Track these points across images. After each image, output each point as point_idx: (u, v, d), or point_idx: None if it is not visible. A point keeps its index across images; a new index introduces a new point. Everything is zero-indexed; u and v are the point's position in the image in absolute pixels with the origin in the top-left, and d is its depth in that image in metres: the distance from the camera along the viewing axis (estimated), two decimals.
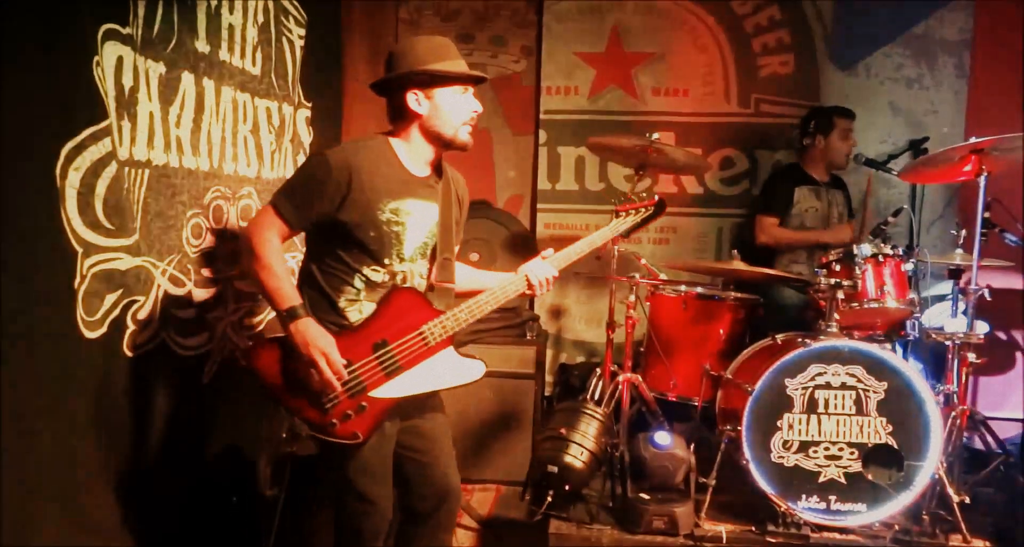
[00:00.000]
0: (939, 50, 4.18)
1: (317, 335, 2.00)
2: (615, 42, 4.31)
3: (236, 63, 2.84)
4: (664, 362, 3.32)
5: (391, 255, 2.11)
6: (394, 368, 2.05)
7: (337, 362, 1.99)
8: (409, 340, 2.06)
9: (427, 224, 2.16)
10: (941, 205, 4.21)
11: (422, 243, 2.16)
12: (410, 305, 2.08)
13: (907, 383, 2.77)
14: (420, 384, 2.08)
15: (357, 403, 2.03)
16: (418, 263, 2.17)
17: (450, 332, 2.08)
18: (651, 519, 2.74)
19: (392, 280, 2.12)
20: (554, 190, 4.39)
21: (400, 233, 2.11)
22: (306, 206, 2.06)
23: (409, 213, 2.12)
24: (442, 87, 2.10)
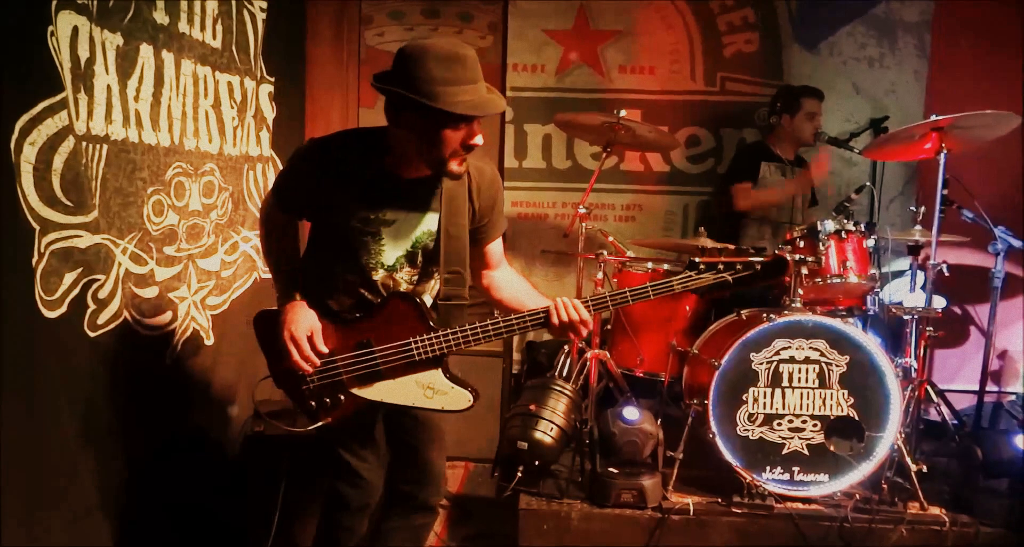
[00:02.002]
0: (900, 30, 4.24)
1: (300, 319, 1.99)
2: (582, 19, 4.28)
3: (196, 35, 2.76)
4: (631, 338, 3.35)
5: (366, 261, 2.03)
6: (373, 371, 2.00)
7: (307, 348, 1.97)
8: (393, 348, 1.98)
9: (415, 234, 2.02)
10: (901, 183, 4.28)
11: (407, 252, 2.04)
12: (403, 314, 1.99)
13: (868, 356, 2.83)
14: (399, 396, 2.01)
15: (335, 395, 2.02)
16: (404, 271, 2.05)
17: (438, 352, 1.96)
18: (620, 493, 2.78)
19: (369, 285, 2.04)
20: (521, 168, 4.38)
21: (370, 243, 2.01)
22: (289, 191, 2.08)
23: (385, 223, 2.00)
24: (438, 118, 1.83)
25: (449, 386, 2.00)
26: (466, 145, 1.87)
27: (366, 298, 2.05)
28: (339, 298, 2.07)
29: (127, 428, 2.37)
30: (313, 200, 2.02)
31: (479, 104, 1.82)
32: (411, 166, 1.97)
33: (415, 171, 1.97)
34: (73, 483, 2.15)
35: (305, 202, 2.05)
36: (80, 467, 2.17)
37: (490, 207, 2.09)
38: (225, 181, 3.00)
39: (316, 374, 2.02)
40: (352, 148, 2.01)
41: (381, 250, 2.01)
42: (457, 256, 2.02)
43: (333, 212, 1.99)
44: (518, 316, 1.98)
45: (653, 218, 4.38)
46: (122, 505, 2.33)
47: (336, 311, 2.06)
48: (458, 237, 2.02)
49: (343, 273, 2.05)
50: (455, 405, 2.01)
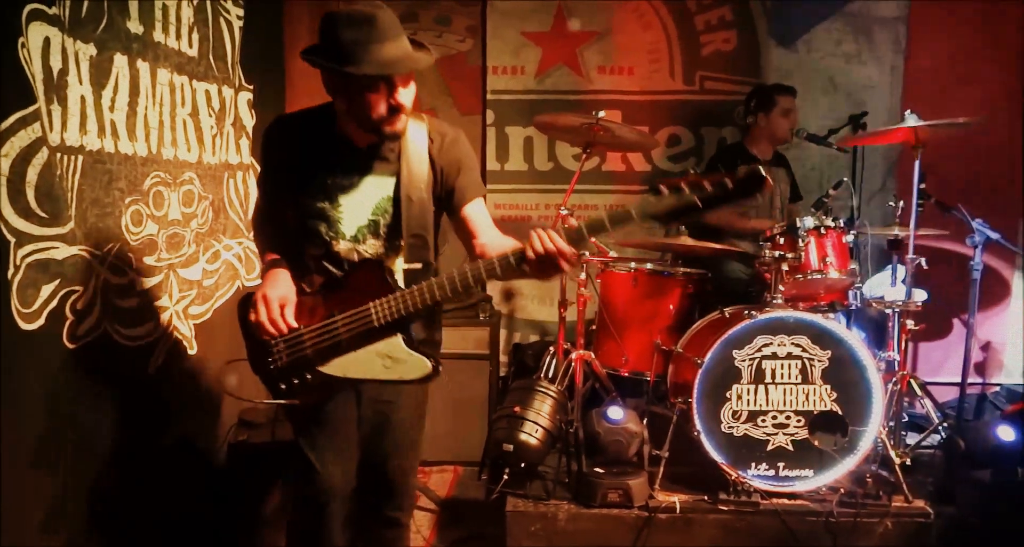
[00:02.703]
0: (876, 26, 4.27)
1: (276, 284, 1.96)
2: (560, 21, 4.30)
3: (172, 44, 2.76)
4: (616, 338, 3.36)
5: (327, 231, 1.99)
6: (335, 343, 1.93)
7: (275, 310, 1.92)
8: (354, 315, 1.91)
9: (372, 200, 1.97)
10: (881, 179, 4.31)
11: (368, 221, 1.98)
12: (367, 280, 1.93)
13: (850, 351, 2.84)
14: (359, 369, 1.93)
15: (303, 373, 1.98)
16: (367, 243, 1.99)
17: (396, 314, 1.86)
18: (606, 492, 2.78)
19: (333, 258, 2.00)
20: (503, 170, 4.39)
21: (328, 211, 1.97)
22: (263, 176, 2.13)
23: (343, 189, 1.96)
24: (350, 80, 1.82)
25: (407, 353, 1.89)
26: (391, 107, 1.82)
27: (332, 273, 1.99)
28: (310, 278, 2.02)
29: (109, 440, 2.36)
30: (281, 177, 2.02)
31: (387, 62, 1.77)
32: (359, 132, 1.94)
33: (366, 136, 1.94)
34: (54, 496, 2.13)
35: (277, 181, 2.05)
36: (62, 480, 2.16)
37: (455, 167, 1.99)
38: (205, 190, 2.99)
39: (285, 350, 1.98)
40: (309, 119, 2.01)
41: (340, 218, 1.97)
42: (418, 221, 1.94)
43: (295, 184, 1.98)
44: (486, 261, 1.80)
45: None
46: (105, 516, 2.32)
47: (309, 289, 2.01)
48: (419, 201, 1.94)
49: (309, 249, 2.01)
50: (412, 373, 1.91)
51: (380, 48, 1.77)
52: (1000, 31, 4.21)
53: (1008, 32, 4.22)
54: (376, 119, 1.84)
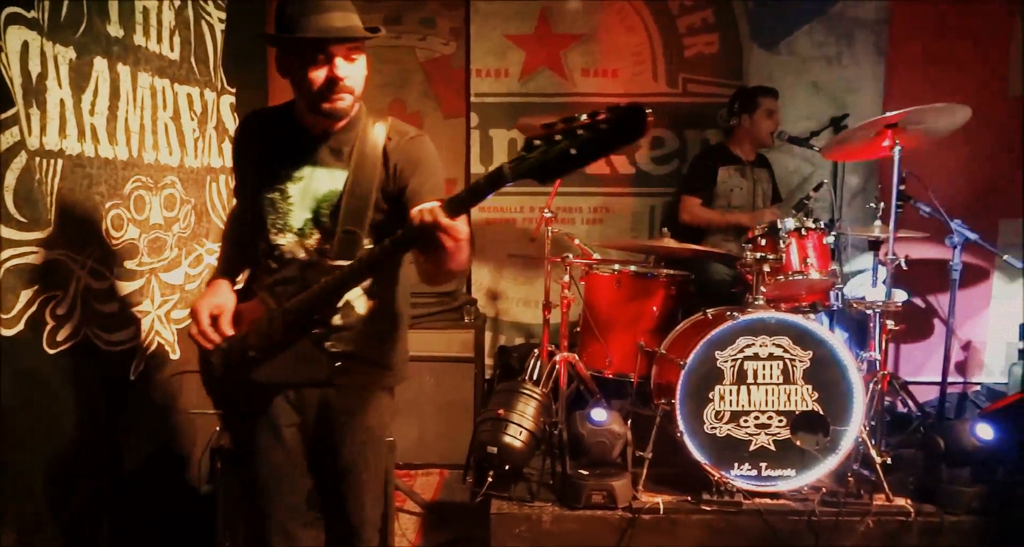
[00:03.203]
0: (857, 29, 4.30)
1: (210, 295, 1.90)
2: (544, 23, 4.31)
3: (153, 48, 2.75)
4: (600, 340, 3.37)
5: (275, 226, 1.90)
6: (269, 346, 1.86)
7: (204, 321, 1.84)
8: (274, 319, 1.86)
9: (320, 192, 1.88)
10: (862, 180, 4.35)
11: (313, 214, 1.88)
12: (294, 280, 1.87)
13: (831, 351, 2.87)
14: (287, 372, 1.88)
15: (239, 380, 1.91)
16: (313, 238, 1.89)
17: (304, 311, 1.81)
18: (590, 494, 2.79)
19: (277, 253, 1.90)
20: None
21: (276, 202, 1.89)
22: (235, 171, 2.07)
23: (293, 179, 1.89)
24: (293, 55, 1.79)
25: (316, 353, 1.86)
26: (330, 80, 1.76)
27: (275, 271, 1.91)
28: (261, 277, 1.94)
29: (91, 445, 2.35)
30: (246, 172, 1.99)
31: (323, 28, 1.72)
32: (310, 117, 1.87)
33: (321, 124, 1.88)
34: (34, 501, 2.12)
35: (244, 177, 2.01)
36: (43, 485, 2.15)
37: (411, 166, 1.88)
38: (187, 193, 2.99)
39: (221, 359, 1.91)
40: (278, 113, 1.97)
41: (289, 209, 1.89)
42: (355, 216, 1.85)
43: (252, 177, 1.94)
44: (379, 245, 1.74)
45: (620, 220, 4.41)
46: (88, 521, 2.30)
47: (254, 292, 1.93)
48: (362, 196, 1.85)
49: (259, 243, 1.93)
50: (314, 375, 1.88)
51: (320, 17, 1.72)
52: (982, 33, 4.25)
53: (990, 34, 4.26)
54: (315, 94, 1.77)
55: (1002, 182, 4.27)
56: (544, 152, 1.41)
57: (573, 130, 1.38)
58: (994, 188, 4.27)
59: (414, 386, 3.70)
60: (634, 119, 1.34)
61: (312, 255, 1.88)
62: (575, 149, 1.39)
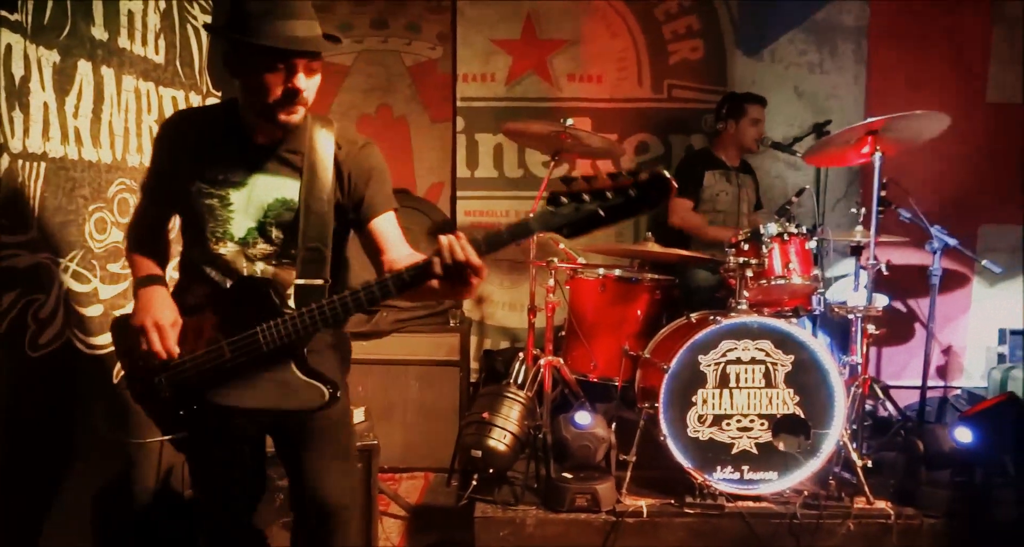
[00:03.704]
0: (839, 36, 4.36)
1: (162, 307, 1.78)
2: (530, 29, 4.33)
3: (138, 51, 2.75)
4: (584, 344, 3.38)
5: (213, 229, 1.81)
6: (223, 370, 1.76)
7: (171, 337, 1.76)
8: (241, 340, 1.74)
9: (266, 200, 1.80)
10: (844, 185, 4.39)
11: (259, 223, 1.81)
12: (252, 299, 1.76)
13: (812, 355, 2.89)
14: (254, 398, 1.77)
15: (189, 403, 1.82)
16: (257, 247, 1.82)
17: (285, 338, 1.71)
18: (574, 497, 2.80)
19: (218, 262, 1.82)
20: (473, 177, 4.40)
21: (216, 208, 1.80)
22: (152, 172, 1.93)
23: (234, 185, 1.80)
24: (250, 58, 1.68)
25: (302, 381, 1.75)
26: (288, 91, 1.68)
27: (215, 282, 1.82)
28: (193, 288, 1.85)
29: (73, 450, 2.34)
30: (172, 175, 1.84)
31: (289, 38, 1.64)
32: (258, 123, 1.78)
33: (268, 131, 1.79)
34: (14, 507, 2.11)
35: (166, 184, 1.87)
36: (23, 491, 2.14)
37: (365, 176, 1.84)
38: None
39: (167, 379, 1.81)
40: (213, 113, 1.88)
41: (230, 217, 1.80)
42: (317, 232, 1.79)
43: (185, 181, 1.81)
44: (390, 275, 1.64)
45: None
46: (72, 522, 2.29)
47: (192, 305, 1.82)
48: (319, 211, 1.78)
49: (194, 252, 1.84)
50: (307, 403, 1.76)
51: (285, 24, 1.64)
52: (960, 41, 4.32)
53: (968, 42, 4.32)
54: (271, 103, 1.69)
55: (982, 188, 4.33)
56: (576, 210, 1.49)
57: (602, 192, 1.46)
58: (974, 194, 4.32)
59: (399, 390, 3.71)
60: (660, 188, 1.45)
61: (256, 265, 1.82)
62: (604, 212, 1.47)
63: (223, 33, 1.73)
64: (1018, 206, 4.34)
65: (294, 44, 1.65)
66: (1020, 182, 4.33)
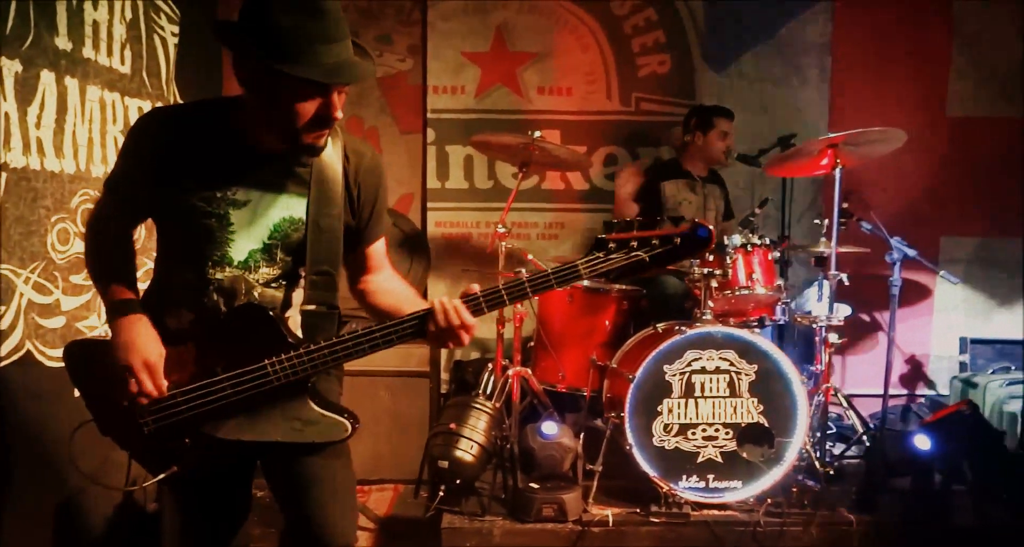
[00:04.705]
0: (803, 52, 4.44)
1: (146, 343, 1.59)
2: (500, 41, 4.37)
3: (103, 61, 2.74)
4: (552, 355, 3.41)
5: (211, 253, 1.63)
6: (224, 404, 1.61)
7: (161, 378, 1.60)
8: (245, 375, 1.60)
9: (272, 221, 1.65)
10: (810, 197, 4.47)
11: (263, 244, 1.65)
12: (254, 330, 1.62)
13: (775, 365, 2.94)
14: (261, 431, 1.64)
15: (179, 438, 1.64)
16: (259, 272, 1.66)
17: (300, 374, 1.60)
18: (540, 507, 2.81)
19: (214, 288, 1.64)
20: (444, 188, 4.42)
21: (215, 229, 1.62)
22: (123, 176, 1.69)
23: (235, 203, 1.62)
24: (282, 82, 1.48)
25: (320, 414, 1.64)
26: (322, 118, 1.53)
27: (209, 308, 1.64)
28: (178, 313, 1.65)
29: (32, 466, 2.31)
30: (151, 183, 1.62)
31: (334, 68, 1.47)
32: (268, 137, 1.61)
33: (274, 144, 1.61)
34: None
35: (142, 188, 1.64)
36: None
37: (372, 198, 1.74)
38: None
39: (153, 415, 1.63)
40: (200, 115, 1.65)
41: (230, 239, 1.63)
42: (327, 254, 1.67)
43: (173, 195, 1.61)
44: (391, 323, 1.61)
45: (575, 235, 4.46)
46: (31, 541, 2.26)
47: (175, 331, 1.64)
48: (330, 230, 1.65)
49: (184, 275, 1.65)
50: (329, 436, 1.66)
51: (327, 49, 1.47)
52: (922, 56, 4.42)
53: (929, 57, 4.42)
54: (300, 129, 1.54)
55: (942, 199, 4.42)
56: (626, 256, 1.57)
57: (648, 240, 1.57)
58: (935, 205, 4.42)
59: (369, 401, 3.69)
60: (702, 240, 1.58)
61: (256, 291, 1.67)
62: (649, 259, 1.57)
63: (249, 50, 1.48)
64: (977, 218, 4.44)
65: (340, 77, 1.49)
66: (979, 194, 4.43)
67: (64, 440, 2.45)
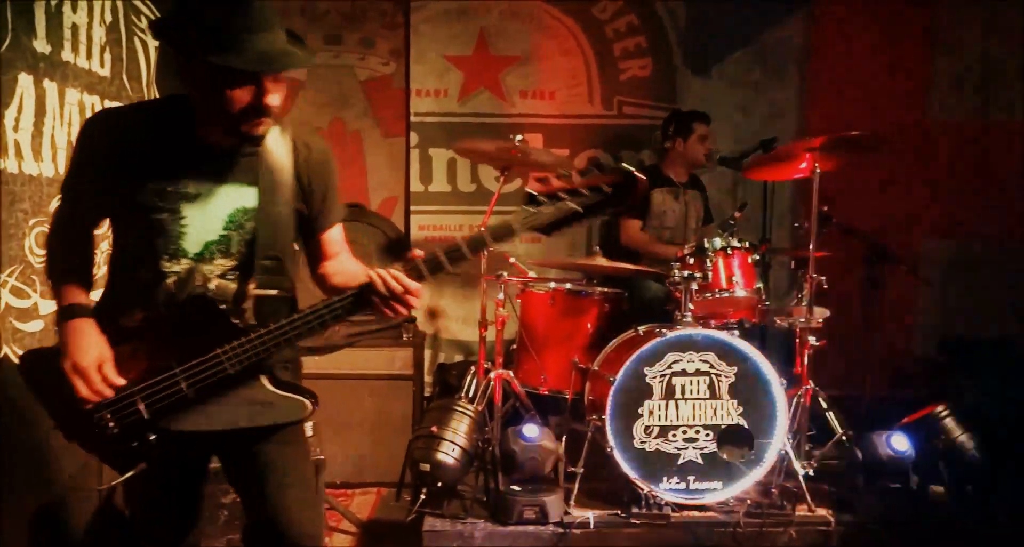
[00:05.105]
0: (783, 56, 4.49)
1: (86, 345, 1.63)
2: (482, 45, 4.39)
3: (82, 64, 2.73)
4: (535, 357, 3.41)
5: (164, 247, 1.67)
6: (180, 397, 1.64)
7: (96, 380, 1.62)
8: (200, 365, 1.63)
9: (224, 212, 1.69)
10: (791, 201, 4.51)
11: (219, 237, 1.69)
12: (203, 320, 1.65)
13: (755, 367, 2.96)
14: (222, 419, 1.67)
15: (142, 435, 1.67)
16: (215, 263, 1.70)
17: (255, 360, 1.63)
18: (522, 510, 2.82)
19: (168, 283, 1.68)
20: (427, 192, 4.43)
21: (167, 223, 1.65)
22: (77, 177, 1.73)
23: (186, 196, 1.65)
24: (213, 72, 1.52)
25: (278, 395, 1.69)
26: (256, 106, 1.57)
27: (164, 303, 1.68)
28: (134, 310, 1.68)
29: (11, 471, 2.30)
30: (102, 184, 1.66)
31: (262, 57, 1.52)
32: (212, 130, 1.65)
33: (223, 137, 1.65)
34: None
35: (94, 189, 1.69)
36: None
37: (323, 187, 1.79)
38: None
39: (113, 414, 1.65)
40: (147, 114, 1.72)
41: (183, 232, 1.66)
42: (277, 240, 1.71)
43: (125, 193, 1.64)
44: (335, 299, 1.64)
45: (559, 239, 4.47)
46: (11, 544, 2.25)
47: (132, 329, 1.68)
48: (279, 217, 1.70)
49: (139, 272, 1.68)
50: (291, 416, 1.71)
51: (254, 38, 1.52)
52: (901, 60, 4.47)
53: (909, 61, 4.48)
54: (236, 118, 1.58)
55: (922, 202, 4.48)
56: (556, 209, 1.59)
57: (577, 191, 1.58)
58: (914, 208, 4.47)
59: (352, 404, 3.69)
60: (630, 184, 1.58)
61: (212, 283, 1.70)
62: (582, 209, 1.59)
63: (179, 45, 1.56)
64: (956, 220, 4.49)
65: (268, 65, 1.54)
66: (958, 197, 4.49)
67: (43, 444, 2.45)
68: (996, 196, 4.46)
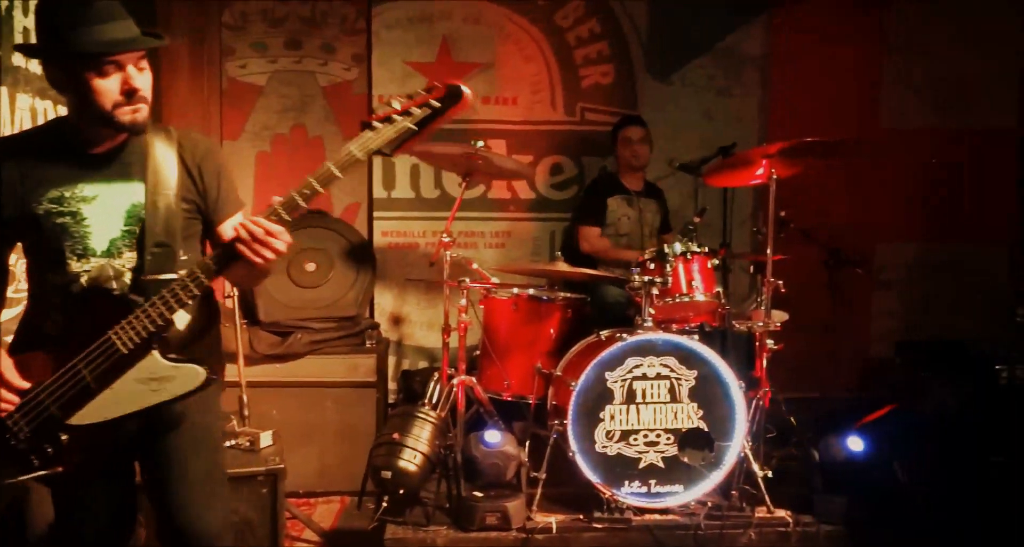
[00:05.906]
0: (744, 63, 4.55)
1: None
2: (445, 52, 4.39)
3: (34, 69, 2.68)
4: (498, 363, 3.41)
5: (72, 248, 1.77)
6: (83, 389, 1.70)
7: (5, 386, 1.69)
8: (95, 351, 1.69)
9: (123, 208, 1.79)
10: (752, 206, 4.57)
11: (122, 232, 1.79)
12: (96, 309, 1.72)
13: (714, 370, 2.99)
14: (123, 405, 1.71)
15: (53, 435, 1.71)
16: (124, 257, 1.79)
17: (142, 333, 1.69)
18: (484, 516, 2.82)
19: (78, 283, 1.77)
20: (390, 198, 4.42)
21: (69, 226, 1.76)
22: None
23: (85, 200, 1.77)
24: (74, 68, 1.66)
25: (173, 368, 1.73)
26: (126, 91, 1.68)
27: (78, 303, 1.76)
28: (53, 316, 1.77)
29: None
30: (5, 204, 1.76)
31: (110, 42, 1.65)
32: (96, 132, 1.76)
33: (107, 140, 1.78)
34: None
35: None
36: None
37: (215, 178, 1.89)
38: None
39: (23, 416, 1.71)
40: (32, 135, 1.89)
41: (87, 232, 1.77)
42: (162, 228, 1.79)
43: (25, 209, 1.75)
44: (207, 256, 1.75)
45: (522, 244, 4.49)
46: None
47: (55, 335, 1.75)
48: (166, 207, 1.80)
49: (51, 277, 1.79)
50: (188, 386, 1.74)
51: (103, 28, 1.65)
52: (856, 68, 4.56)
53: (863, 69, 4.57)
54: (111, 108, 1.68)
55: (878, 207, 4.56)
56: (393, 130, 1.68)
57: (408, 111, 1.69)
58: (870, 212, 4.55)
59: (315, 412, 3.67)
60: (454, 95, 1.70)
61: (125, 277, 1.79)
62: (416, 125, 1.69)
63: (39, 53, 1.72)
64: (911, 224, 4.59)
65: (116, 47, 1.66)
66: (913, 201, 4.58)
67: None
68: (949, 199, 4.56)
